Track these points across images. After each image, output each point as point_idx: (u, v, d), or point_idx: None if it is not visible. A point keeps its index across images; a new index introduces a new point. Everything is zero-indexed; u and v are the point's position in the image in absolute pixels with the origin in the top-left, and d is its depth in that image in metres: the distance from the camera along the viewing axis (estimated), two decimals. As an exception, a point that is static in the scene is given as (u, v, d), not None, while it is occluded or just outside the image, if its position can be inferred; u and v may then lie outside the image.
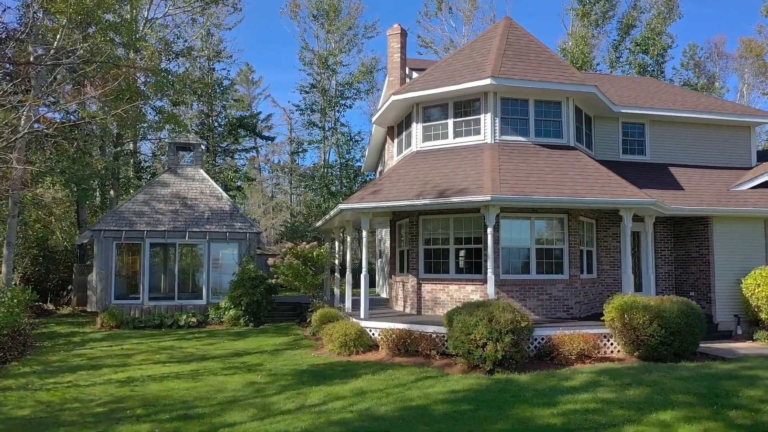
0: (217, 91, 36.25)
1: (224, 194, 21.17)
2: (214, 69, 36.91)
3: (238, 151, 37.96)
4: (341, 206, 13.73)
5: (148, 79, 16.35)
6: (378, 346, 13.25)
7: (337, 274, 18.87)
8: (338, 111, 39.75)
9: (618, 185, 13.20)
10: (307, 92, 39.53)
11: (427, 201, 12.61)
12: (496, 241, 13.35)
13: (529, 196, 12.26)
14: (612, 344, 12.38)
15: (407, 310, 15.30)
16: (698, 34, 67.47)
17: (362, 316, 13.86)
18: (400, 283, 15.95)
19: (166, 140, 23.27)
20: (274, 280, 18.06)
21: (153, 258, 20.25)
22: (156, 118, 22.23)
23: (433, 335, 12.42)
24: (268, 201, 53.08)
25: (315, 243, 18.12)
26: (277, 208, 51.08)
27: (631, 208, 13.00)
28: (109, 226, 19.03)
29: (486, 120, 14.34)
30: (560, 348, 11.68)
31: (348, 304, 15.98)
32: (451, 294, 14.26)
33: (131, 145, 30.96)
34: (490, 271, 12.44)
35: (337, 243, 19.10)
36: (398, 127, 17.40)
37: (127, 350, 14.42)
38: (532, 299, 13.80)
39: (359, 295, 14.32)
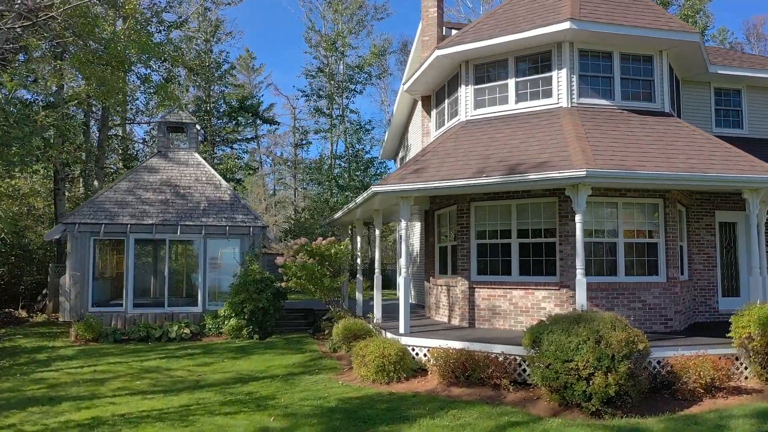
0: (215, 74, 33.03)
1: (223, 182, 18.02)
2: (211, 51, 33.73)
3: (238, 141, 34.74)
4: (375, 189, 10.61)
5: (131, 39, 13.26)
6: (426, 371, 10.14)
7: (359, 276, 15.73)
8: (347, 97, 36.54)
9: (741, 158, 10.08)
10: (313, 77, 36.31)
11: (494, 180, 9.47)
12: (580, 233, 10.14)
13: (635, 171, 9.13)
14: (740, 370, 9.28)
15: (454, 322, 12.18)
16: (735, 15, 63.99)
17: (402, 330, 10.74)
18: (443, 288, 12.82)
19: (156, 120, 20.15)
20: (284, 284, 14.93)
21: (139, 257, 17.12)
22: (142, 88, 19.05)
23: (501, 358, 9.33)
24: (270, 197, 49.92)
25: (333, 239, 14.99)
26: (280, 205, 47.91)
27: (759, 188, 9.87)
28: (86, 219, 15.88)
29: (560, 78, 11.22)
30: (682, 376, 8.57)
31: (378, 314, 12.91)
32: (514, 302, 11.15)
33: (120, 132, 27.92)
34: (579, 272, 9.29)
35: (359, 239, 15.96)
36: (437, 96, 14.26)
37: (100, 373, 11.32)
38: (621, 308, 10.67)
39: (390, 301, 11.24)
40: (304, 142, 42.21)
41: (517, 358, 9.33)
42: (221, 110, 33.37)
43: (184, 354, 13.35)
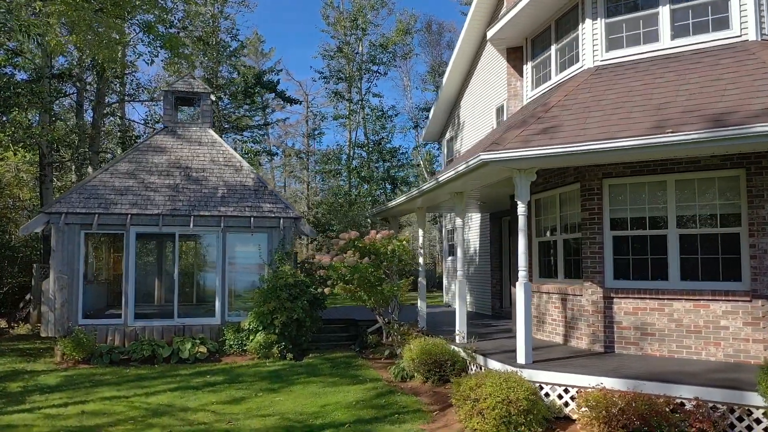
0: (225, 53, 29.74)
1: (245, 163, 14.73)
2: (219, 28, 30.48)
3: (248, 128, 31.39)
4: (485, 157, 7.34)
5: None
6: (568, 420, 6.91)
7: (422, 280, 12.45)
8: (369, 80, 33.19)
9: None
10: (331, 57, 32.96)
11: (697, 135, 6.19)
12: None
13: None
14: None
15: (577, 343, 8.91)
16: None
17: (522, 359, 7.50)
18: (554, 296, 9.55)
19: (162, 90, 16.87)
20: (327, 290, 11.67)
21: (142, 256, 13.86)
22: (146, 41, 15.72)
23: (689, 406, 6.12)
24: (278, 191, 46.61)
25: (391, 232, 11.75)
26: (290, 200, 44.58)
27: None
28: (75, 208, 12.60)
29: (744, 1, 7.97)
30: None
31: (463, 330, 9.65)
32: (676, 318, 7.89)
33: (119, 112, 24.69)
34: (828, 277, 6.03)
35: (422, 232, 12.68)
36: (533, 44, 10.99)
37: (90, 416, 8.13)
38: (832, 328, 7.42)
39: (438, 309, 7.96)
40: (317, 132, 38.88)
41: (719, 406, 6.11)
42: (230, 91, 30.07)
43: (203, 383, 10.10)
